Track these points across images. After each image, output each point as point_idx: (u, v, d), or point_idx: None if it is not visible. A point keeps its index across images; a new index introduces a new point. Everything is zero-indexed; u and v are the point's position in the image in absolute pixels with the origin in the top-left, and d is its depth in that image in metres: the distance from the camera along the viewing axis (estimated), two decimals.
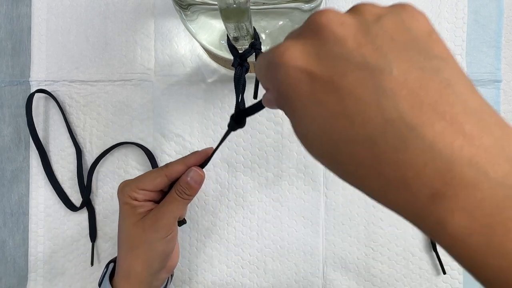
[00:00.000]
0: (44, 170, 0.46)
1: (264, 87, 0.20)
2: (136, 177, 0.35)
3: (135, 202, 0.34)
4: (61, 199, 0.46)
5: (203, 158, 0.35)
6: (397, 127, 0.14)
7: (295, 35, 0.18)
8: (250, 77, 0.33)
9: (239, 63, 0.30)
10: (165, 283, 0.38)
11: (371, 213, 0.44)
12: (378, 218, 0.43)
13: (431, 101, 0.14)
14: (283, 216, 0.44)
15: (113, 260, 0.38)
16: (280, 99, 0.18)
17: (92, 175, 0.46)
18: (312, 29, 0.17)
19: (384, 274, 0.43)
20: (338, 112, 0.15)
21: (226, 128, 0.30)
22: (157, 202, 0.35)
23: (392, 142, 0.14)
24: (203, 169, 0.35)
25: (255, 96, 0.32)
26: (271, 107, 0.21)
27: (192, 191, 0.34)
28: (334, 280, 0.44)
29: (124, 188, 0.34)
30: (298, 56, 0.17)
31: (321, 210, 0.44)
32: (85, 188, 0.45)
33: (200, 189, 0.35)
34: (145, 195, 0.34)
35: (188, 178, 0.34)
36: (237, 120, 0.28)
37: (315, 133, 0.17)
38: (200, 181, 0.34)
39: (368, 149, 0.15)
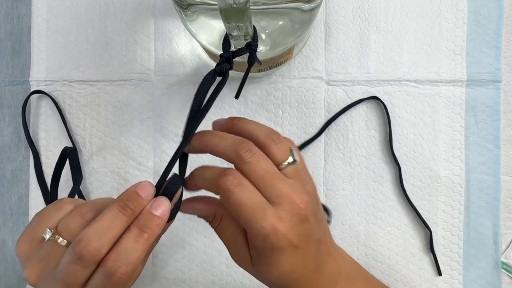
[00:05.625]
0: (36, 172, 0.46)
1: None
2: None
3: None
4: (46, 203, 0.46)
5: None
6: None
7: None
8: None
9: (228, 57, 0.28)
10: None
11: (371, 213, 0.44)
12: (378, 218, 0.43)
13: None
14: None
15: None
16: None
17: (58, 187, 0.41)
18: None
19: (384, 274, 0.43)
20: None
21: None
22: None
23: None
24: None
25: (237, 96, 0.31)
26: None
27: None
28: None
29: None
30: None
31: None
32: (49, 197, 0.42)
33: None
34: None
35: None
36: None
37: None
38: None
39: None
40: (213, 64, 0.44)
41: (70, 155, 0.42)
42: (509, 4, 0.42)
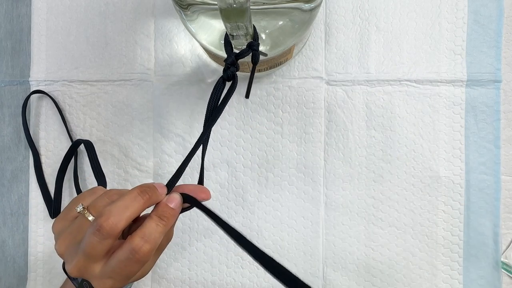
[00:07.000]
0: (36, 172, 0.46)
1: None
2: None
3: None
4: (46, 203, 0.46)
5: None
6: None
7: None
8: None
9: (233, 61, 0.29)
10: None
11: (371, 213, 0.44)
12: (378, 218, 0.43)
13: None
14: (283, 216, 0.44)
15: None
16: None
17: (62, 183, 0.43)
18: None
19: (384, 274, 0.43)
20: None
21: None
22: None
23: None
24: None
25: (247, 96, 0.31)
26: None
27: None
28: (334, 280, 0.44)
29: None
30: None
31: (321, 210, 0.44)
32: (53, 199, 0.45)
33: None
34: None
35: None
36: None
37: None
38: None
39: None
40: (213, 64, 0.44)
41: (88, 150, 0.42)
42: (509, 4, 0.42)
